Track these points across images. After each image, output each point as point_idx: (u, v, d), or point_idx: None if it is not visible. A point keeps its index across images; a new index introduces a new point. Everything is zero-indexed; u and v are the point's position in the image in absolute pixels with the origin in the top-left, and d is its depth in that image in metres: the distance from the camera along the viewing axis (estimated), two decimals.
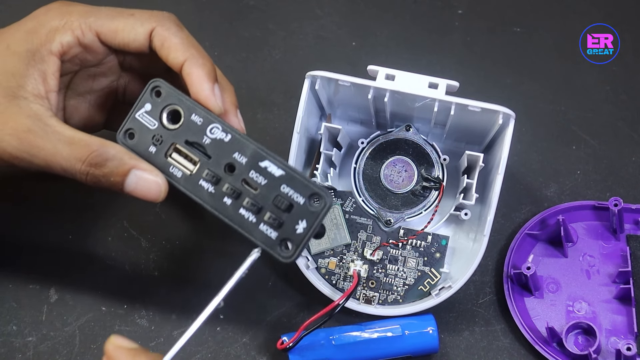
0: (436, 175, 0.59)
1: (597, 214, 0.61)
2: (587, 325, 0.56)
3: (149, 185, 0.46)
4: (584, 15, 0.70)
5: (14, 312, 0.58)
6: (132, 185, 0.46)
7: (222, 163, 0.46)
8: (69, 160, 0.46)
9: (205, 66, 0.48)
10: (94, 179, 0.46)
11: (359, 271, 0.58)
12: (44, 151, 0.46)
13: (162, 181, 0.47)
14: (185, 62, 0.48)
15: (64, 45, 0.48)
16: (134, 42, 0.49)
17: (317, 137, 0.61)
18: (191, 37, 0.50)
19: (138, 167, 0.46)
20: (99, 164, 0.46)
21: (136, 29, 0.48)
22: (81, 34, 0.48)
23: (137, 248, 0.61)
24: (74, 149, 0.46)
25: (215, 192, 0.46)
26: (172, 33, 0.49)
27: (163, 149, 0.47)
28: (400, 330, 0.55)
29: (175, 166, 0.47)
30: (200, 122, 0.47)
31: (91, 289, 0.59)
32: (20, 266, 0.60)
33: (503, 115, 0.54)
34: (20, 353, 0.57)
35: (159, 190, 0.46)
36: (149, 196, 0.47)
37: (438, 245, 0.59)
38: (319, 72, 0.56)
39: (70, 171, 0.46)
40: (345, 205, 0.60)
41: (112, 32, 0.49)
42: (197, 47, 0.49)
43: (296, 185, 0.45)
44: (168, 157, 0.47)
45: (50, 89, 0.48)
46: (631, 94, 0.67)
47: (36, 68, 0.47)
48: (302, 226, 0.44)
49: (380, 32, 0.70)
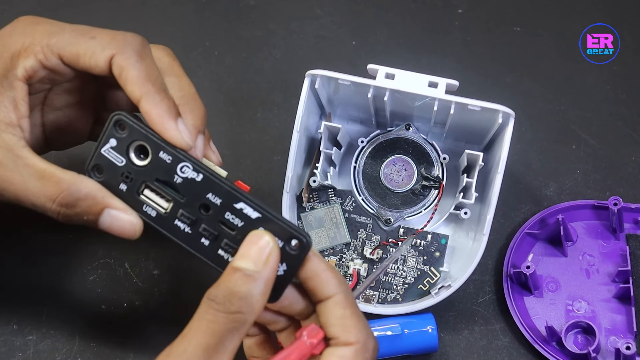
0: (436, 174, 0.59)
1: (596, 213, 0.61)
2: (586, 325, 0.56)
3: (123, 224, 0.44)
4: (584, 15, 0.70)
5: (15, 312, 0.58)
6: (107, 224, 0.45)
7: (196, 203, 0.44)
8: (39, 198, 0.44)
9: (164, 101, 0.44)
10: (66, 217, 0.45)
11: (359, 270, 0.58)
12: (13, 185, 0.44)
13: (137, 220, 0.45)
14: (142, 100, 0.44)
15: (28, 70, 0.45)
16: (95, 68, 0.45)
17: (317, 136, 0.61)
18: (151, 68, 0.45)
19: (111, 205, 0.44)
20: (70, 203, 0.44)
21: (97, 54, 0.45)
22: (44, 58, 0.45)
23: (137, 247, 0.61)
24: (45, 185, 0.44)
25: (192, 233, 0.44)
26: (130, 63, 0.44)
27: (134, 187, 0.44)
28: (399, 329, 0.55)
29: (149, 204, 0.45)
30: (170, 160, 0.44)
31: (91, 288, 0.59)
32: (21, 265, 0.60)
33: (503, 115, 0.54)
34: (20, 352, 0.57)
35: (133, 230, 0.45)
36: (124, 234, 0.45)
37: (438, 244, 0.59)
38: (319, 71, 0.56)
39: (41, 208, 0.45)
40: (345, 204, 0.60)
41: (74, 56, 0.45)
42: (155, 81, 0.45)
43: (274, 228, 0.43)
44: (140, 194, 0.45)
45: (22, 115, 0.45)
46: (631, 94, 0.67)
47: (5, 95, 0.45)
48: (282, 269, 0.43)
49: (380, 32, 0.70)
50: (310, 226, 0.59)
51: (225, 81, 0.68)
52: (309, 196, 0.60)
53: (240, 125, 0.66)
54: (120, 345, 0.57)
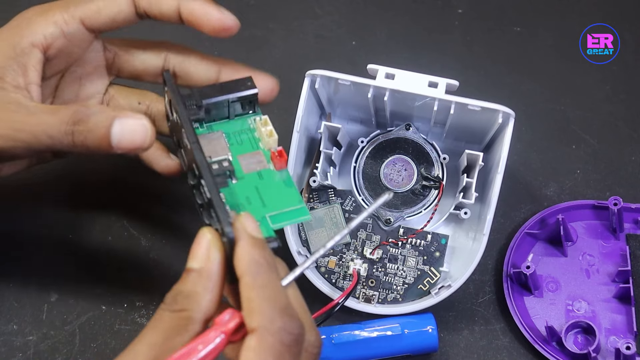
0: (436, 174, 0.59)
1: (596, 213, 0.61)
2: (586, 325, 0.56)
3: (134, 128, 0.45)
4: (584, 15, 0.70)
5: (14, 311, 0.58)
6: (118, 135, 0.44)
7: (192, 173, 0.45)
8: (53, 126, 0.45)
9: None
10: (80, 137, 0.45)
11: (359, 270, 0.58)
12: (28, 125, 0.45)
13: (147, 122, 0.45)
14: (181, 4, 0.48)
15: (48, 38, 0.48)
16: (119, 15, 0.48)
17: (317, 136, 0.61)
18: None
19: (120, 115, 0.45)
20: (82, 119, 0.45)
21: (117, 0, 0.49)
22: (64, 24, 0.48)
23: (137, 247, 0.61)
24: (57, 114, 0.45)
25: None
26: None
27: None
28: (399, 329, 0.55)
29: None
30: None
31: (91, 288, 0.59)
32: (21, 265, 0.60)
33: (503, 115, 0.54)
34: (20, 352, 0.57)
35: (145, 133, 0.45)
36: (136, 141, 0.45)
37: (438, 244, 0.59)
38: (318, 71, 0.56)
39: (56, 137, 0.45)
40: (345, 204, 0.60)
41: (95, 13, 0.48)
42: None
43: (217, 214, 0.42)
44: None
45: (31, 82, 0.47)
46: (631, 94, 0.67)
47: (15, 60, 0.47)
48: None
49: (380, 31, 0.70)
50: (310, 226, 0.59)
51: None
52: (309, 196, 0.60)
53: None
54: (120, 346, 0.57)
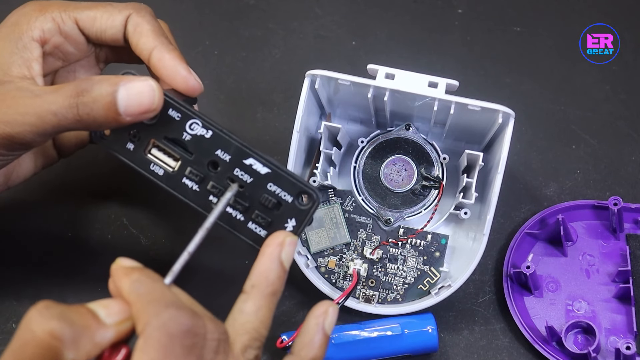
0: (436, 175, 0.59)
1: (596, 213, 0.61)
2: (586, 325, 0.56)
3: (140, 90, 0.44)
4: (584, 15, 0.70)
5: (13, 309, 0.58)
6: (125, 100, 0.44)
7: (204, 161, 0.44)
8: (57, 102, 0.45)
9: (175, 50, 0.48)
10: (86, 109, 0.44)
11: (359, 270, 0.58)
12: (32, 107, 0.45)
13: (154, 82, 0.44)
14: (155, 49, 0.48)
15: (45, 32, 0.49)
16: (110, 29, 0.49)
17: (316, 136, 0.61)
18: (164, 29, 0.50)
19: (124, 79, 0.44)
20: (86, 89, 0.44)
21: (114, 15, 0.49)
22: (61, 22, 0.49)
23: (136, 246, 0.61)
24: (60, 90, 0.45)
25: (200, 191, 0.45)
26: (146, 20, 0.49)
27: (141, 146, 0.45)
28: (399, 329, 0.55)
29: (156, 163, 0.45)
30: (178, 117, 0.45)
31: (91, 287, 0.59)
32: (21, 264, 0.60)
33: (503, 115, 0.54)
34: None
35: (152, 94, 0.44)
36: (144, 103, 0.44)
37: (438, 244, 0.59)
38: (318, 71, 0.56)
39: (60, 112, 0.45)
40: (345, 204, 0.60)
41: (90, 19, 0.49)
42: (166, 35, 0.50)
43: (283, 184, 0.43)
44: (147, 153, 0.45)
45: (36, 74, 0.48)
46: (631, 94, 0.67)
47: (19, 56, 0.48)
48: (292, 224, 0.43)
49: (380, 31, 0.70)
50: (310, 226, 0.59)
51: (224, 81, 0.68)
52: None
53: (240, 125, 0.65)
54: None
